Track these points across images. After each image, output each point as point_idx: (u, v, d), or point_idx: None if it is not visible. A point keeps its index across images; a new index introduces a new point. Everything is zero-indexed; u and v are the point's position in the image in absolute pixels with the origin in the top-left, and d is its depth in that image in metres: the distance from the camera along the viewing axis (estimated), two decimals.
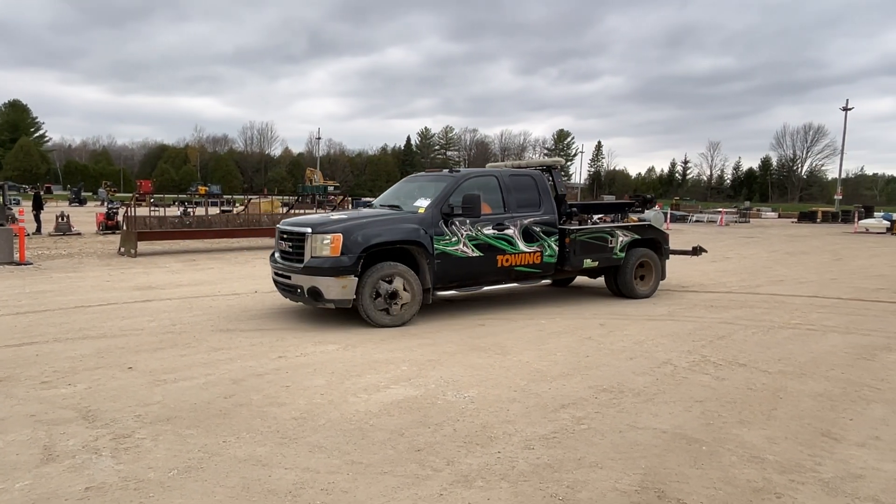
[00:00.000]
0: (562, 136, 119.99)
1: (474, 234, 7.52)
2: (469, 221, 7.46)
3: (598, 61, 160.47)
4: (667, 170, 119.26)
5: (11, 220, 17.88)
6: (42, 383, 4.78)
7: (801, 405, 4.49)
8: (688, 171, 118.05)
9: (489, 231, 7.65)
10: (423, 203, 7.50)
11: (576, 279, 10.43)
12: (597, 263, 8.72)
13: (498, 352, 5.91)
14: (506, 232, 7.80)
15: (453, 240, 7.36)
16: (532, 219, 8.07)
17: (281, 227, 7.61)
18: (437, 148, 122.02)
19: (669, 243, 9.77)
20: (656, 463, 3.48)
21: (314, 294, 6.81)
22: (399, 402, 4.42)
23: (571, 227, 8.54)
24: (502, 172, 8.37)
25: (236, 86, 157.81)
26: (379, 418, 4.11)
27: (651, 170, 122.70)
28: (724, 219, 41.14)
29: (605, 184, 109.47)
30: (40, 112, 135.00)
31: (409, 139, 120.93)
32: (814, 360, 5.74)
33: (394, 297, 6.94)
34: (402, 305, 6.99)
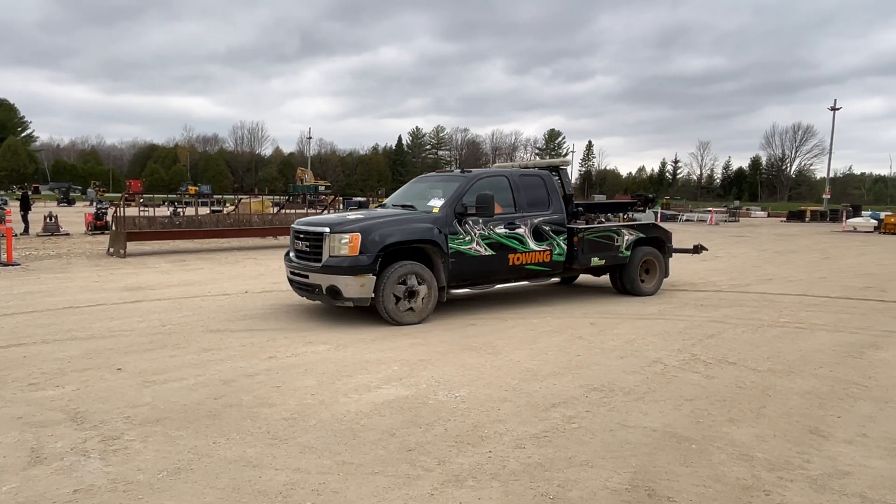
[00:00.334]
0: (553, 135, 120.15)
1: (487, 234, 7.61)
2: (482, 221, 7.56)
3: (590, 61, 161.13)
4: (657, 169, 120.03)
5: None
6: (30, 385, 4.73)
7: (790, 403, 4.53)
8: (678, 171, 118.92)
9: (501, 230, 7.74)
10: (437, 203, 7.58)
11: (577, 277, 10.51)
12: (604, 262, 8.90)
13: (489, 351, 5.92)
14: (517, 231, 7.89)
15: (467, 239, 7.44)
16: (542, 218, 8.18)
17: (297, 226, 7.62)
18: (428, 148, 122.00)
19: (672, 242, 9.94)
20: (646, 461, 3.50)
21: (333, 293, 6.84)
22: (390, 402, 4.42)
23: (579, 227, 8.67)
24: (512, 172, 8.47)
25: (228, 85, 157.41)
26: (370, 418, 4.11)
27: (642, 169, 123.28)
28: (714, 218, 41.36)
29: (596, 183, 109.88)
30: (29, 111, 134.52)
31: (400, 139, 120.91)
32: (802, 359, 5.79)
33: (412, 295, 7.02)
34: (421, 299, 7.08)
